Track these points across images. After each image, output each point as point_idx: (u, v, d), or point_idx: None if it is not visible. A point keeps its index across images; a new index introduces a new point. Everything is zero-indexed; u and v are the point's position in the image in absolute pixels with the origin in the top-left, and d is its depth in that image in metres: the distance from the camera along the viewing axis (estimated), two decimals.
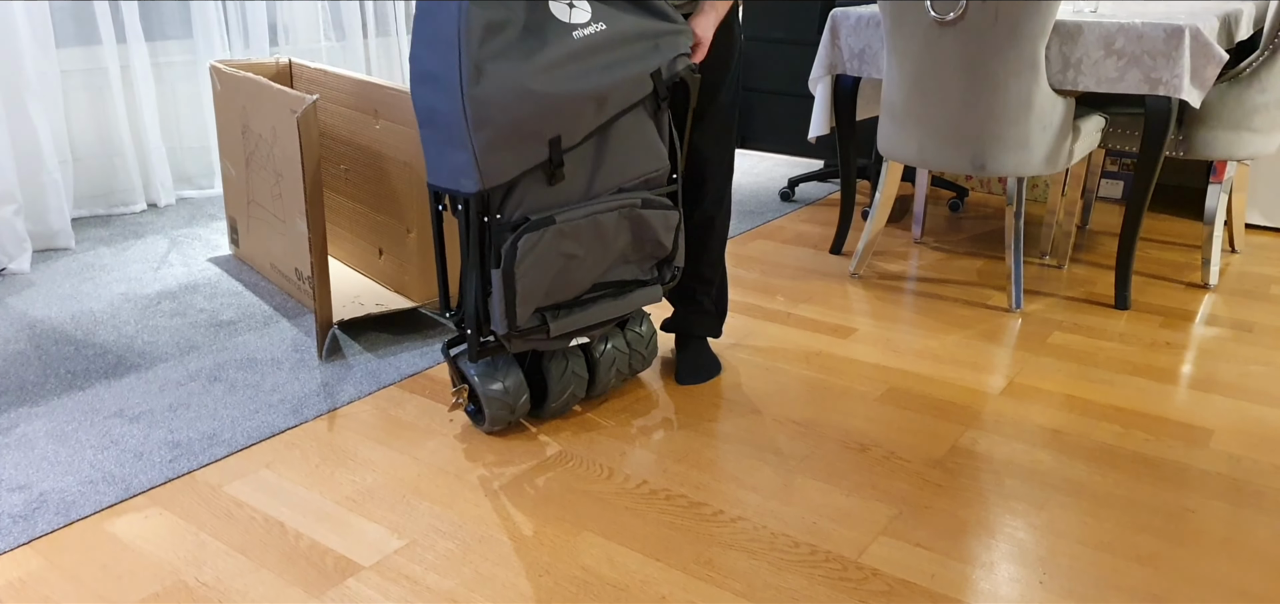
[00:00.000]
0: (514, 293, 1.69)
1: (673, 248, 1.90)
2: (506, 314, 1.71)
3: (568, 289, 1.78)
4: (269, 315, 2.47)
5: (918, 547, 1.53)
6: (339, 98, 2.55)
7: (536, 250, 1.69)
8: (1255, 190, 3.24)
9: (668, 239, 1.88)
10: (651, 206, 1.83)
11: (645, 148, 1.81)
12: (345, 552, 1.52)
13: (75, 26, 3.26)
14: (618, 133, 1.76)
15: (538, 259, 1.70)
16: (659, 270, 1.93)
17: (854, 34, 2.73)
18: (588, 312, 1.81)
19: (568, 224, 1.72)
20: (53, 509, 1.63)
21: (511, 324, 1.72)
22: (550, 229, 1.69)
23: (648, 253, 1.88)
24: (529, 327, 1.75)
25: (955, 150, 2.46)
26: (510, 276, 1.68)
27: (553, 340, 1.80)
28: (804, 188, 3.85)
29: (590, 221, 1.74)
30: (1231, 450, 1.83)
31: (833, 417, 1.96)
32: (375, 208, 2.52)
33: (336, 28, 3.96)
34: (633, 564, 1.49)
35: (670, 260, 1.92)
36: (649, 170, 1.83)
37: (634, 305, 1.88)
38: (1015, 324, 2.44)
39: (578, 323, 1.81)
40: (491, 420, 1.84)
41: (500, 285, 1.69)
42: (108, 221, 3.30)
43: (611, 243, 1.80)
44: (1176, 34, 2.26)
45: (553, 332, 1.77)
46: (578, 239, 1.74)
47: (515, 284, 1.69)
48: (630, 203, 1.80)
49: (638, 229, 1.83)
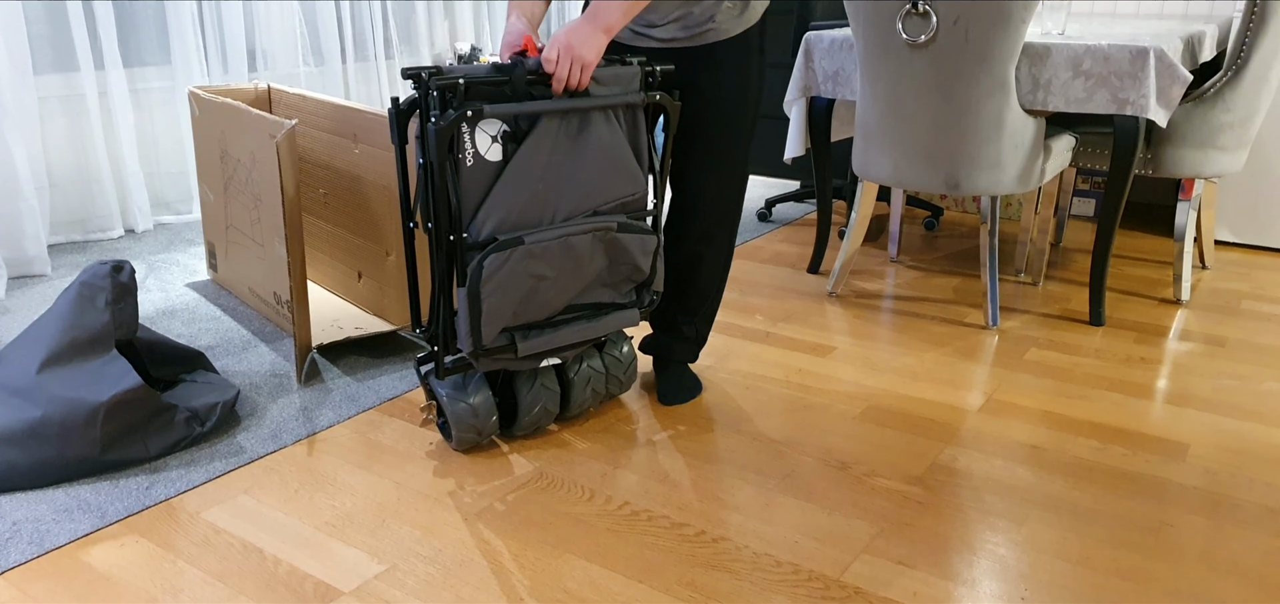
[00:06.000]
0: (479, 313, 1.69)
1: (651, 272, 1.89)
2: (472, 333, 1.70)
3: (538, 309, 1.78)
4: (247, 340, 2.45)
5: (899, 564, 1.54)
6: (318, 122, 2.55)
7: (503, 271, 1.68)
8: (1223, 207, 3.30)
9: (645, 263, 1.87)
10: (628, 230, 1.82)
11: (620, 171, 1.80)
12: (325, 577, 1.51)
13: (53, 53, 3.25)
14: (592, 156, 1.75)
15: (504, 279, 1.69)
16: (637, 294, 1.92)
17: (827, 56, 2.76)
18: (558, 333, 1.81)
19: (537, 245, 1.71)
20: (26, 539, 1.60)
21: (477, 343, 1.71)
22: (518, 250, 1.69)
23: (624, 276, 1.87)
24: (496, 346, 1.74)
25: (929, 170, 2.49)
26: (475, 296, 1.68)
27: (521, 360, 1.80)
28: (781, 208, 3.88)
29: (561, 243, 1.73)
30: (1207, 464, 1.85)
31: (813, 435, 1.97)
32: (354, 231, 2.51)
33: (315, 53, 3.96)
34: (615, 586, 1.48)
35: (649, 284, 1.91)
36: (624, 194, 1.82)
37: (609, 328, 1.88)
38: (992, 341, 2.47)
39: (548, 343, 1.80)
40: (459, 439, 1.84)
41: (465, 305, 1.68)
42: (84, 248, 3.27)
43: (585, 265, 1.79)
44: (1142, 55, 2.30)
45: (520, 352, 1.77)
46: (547, 261, 1.73)
47: (480, 303, 1.68)
48: (606, 226, 1.79)
49: (613, 252, 1.82)
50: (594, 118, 1.75)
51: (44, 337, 1.84)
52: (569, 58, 1.65)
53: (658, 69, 1.81)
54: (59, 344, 1.82)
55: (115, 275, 1.91)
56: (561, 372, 1.94)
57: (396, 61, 4.28)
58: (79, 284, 1.90)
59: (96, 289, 1.88)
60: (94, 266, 1.91)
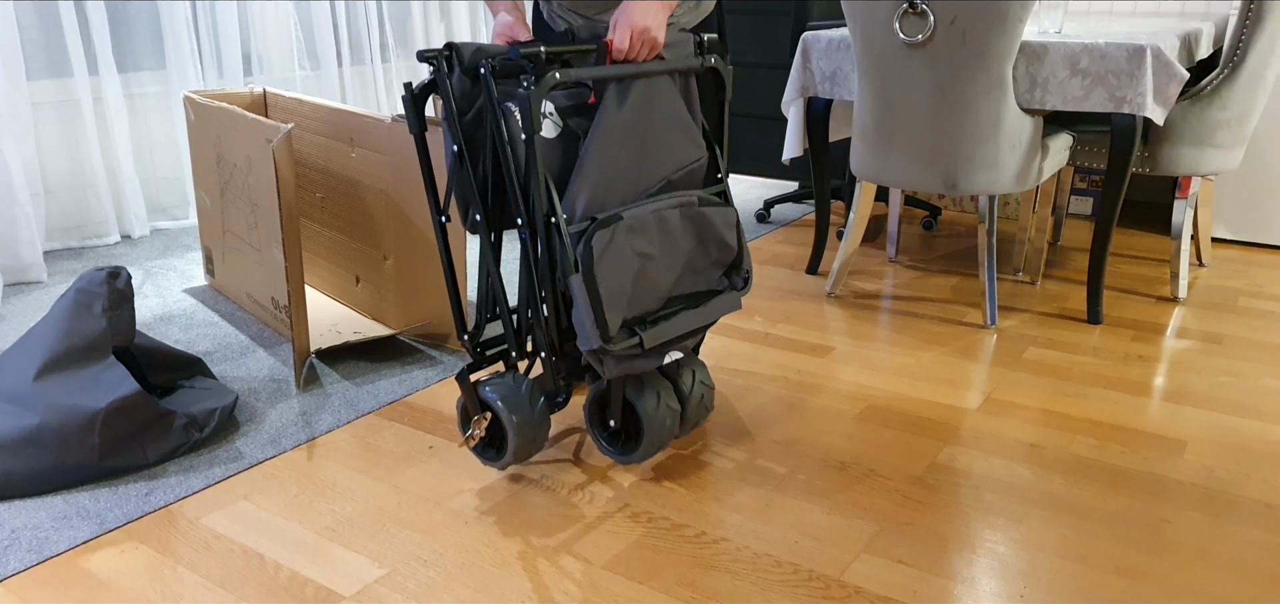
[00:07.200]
0: (598, 296, 1.53)
1: (738, 248, 1.79)
2: (598, 323, 1.53)
3: (649, 296, 1.64)
4: (246, 345, 2.45)
5: (899, 563, 1.54)
6: (314, 126, 2.55)
7: (611, 250, 1.55)
8: (1220, 205, 3.31)
9: (732, 238, 1.76)
10: (708, 204, 1.73)
11: (687, 135, 1.72)
12: (325, 582, 1.50)
13: (47, 59, 3.24)
14: (661, 121, 1.67)
15: (614, 259, 1.55)
16: (728, 277, 1.81)
17: (825, 57, 2.76)
18: (674, 321, 1.66)
19: (635, 219, 1.59)
20: (25, 546, 1.60)
21: (604, 333, 1.54)
22: (620, 225, 1.56)
23: (714, 258, 1.76)
24: (623, 344, 1.58)
25: (927, 170, 2.50)
26: (592, 279, 1.52)
27: (648, 356, 1.63)
28: (779, 209, 3.88)
29: (656, 217, 1.63)
30: (1205, 461, 1.86)
31: (812, 435, 1.97)
32: (352, 235, 2.51)
33: (311, 57, 3.96)
34: (616, 588, 1.48)
35: (739, 264, 1.81)
36: (691, 159, 1.73)
37: (715, 314, 1.74)
38: (990, 340, 2.47)
39: (670, 333, 1.65)
40: (515, 452, 1.69)
41: (583, 292, 1.52)
42: (81, 254, 3.27)
43: (679, 242, 1.68)
44: (1139, 53, 2.31)
45: (647, 343, 1.60)
46: (647, 236, 1.61)
47: (598, 286, 1.53)
48: (688, 200, 1.69)
49: (700, 229, 1.72)
50: (661, 83, 1.68)
51: (41, 344, 1.84)
52: (642, 40, 1.63)
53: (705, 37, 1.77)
54: (56, 351, 1.81)
55: (112, 281, 1.91)
56: (676, 386, 1.80)
57: (393, 64, 4.28)
58: (75, 291, 1.89)
59: (93, 295, 1.88)
60: (90, 273, 1.91)
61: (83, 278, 1.91)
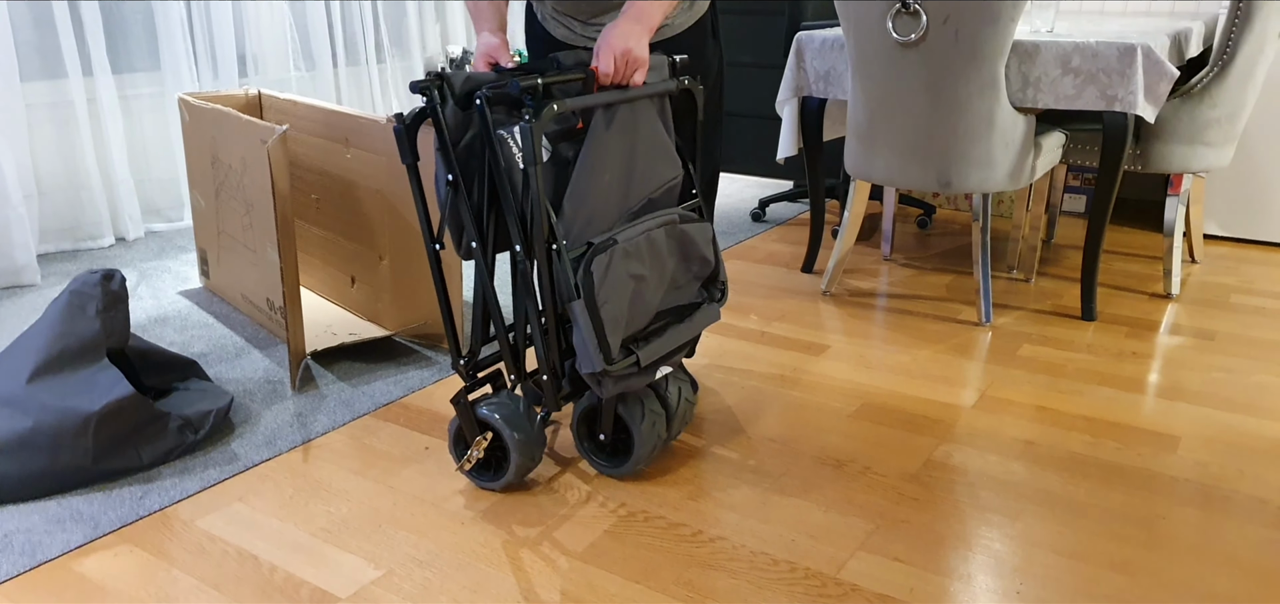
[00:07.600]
0: (601, 322, 1.57)
1: (715, 261, 1.84)
2: (601, 347, 1.57)
3: (641, 315, 1.69)
4: (241, 347, 2.44)
5: (895, 561, 1.55)
6: (309, 127, 2.55)
7: (610, 274, 1.59)
8: (1212, 202, 3.32)
9: (709, 252, 1.81)
10: (687, 220, 1.77)
11: (665, 154, 1.76)
12: (321, 584, 1.50)
13: (40, 60, 3.23)
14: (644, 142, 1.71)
15: (613, 283, 1.60)
16: (707, 290, 1.85)
17: (819, 56, 2.77)
18: (664, 338, 1.71)
19: (630, 243, 1.64)
20: (19, 550, 1.59)
21: (607, 356, 1.59)
22: (616, 250, 1.61)
23: (694, 272, 1.81)
24: (621, 364, 1.62)
25: (921, 169, 2.50)
26: (593, 304, 1.57)
27: (643, 373, 1.67)
28: (774, 208, 3.89)
29: (646, 239, 1.68)
30: (1199, 456, 1.86)
31: (808, 433, 1.97)
32: (347, 236, 2.51)
33: (306, 58, 3.96)
34: (612, 587, 1.49)
35: (716, 277, 1.86)
36: (670, 177, 1.77)
37: (699, 327, 1.79)
38: (985, 338, 2.48)
39: (661, 350, 1.69)
40: (517, 469, 1.72)
41: (585, 318, 1.56)
42: (75, 256, 3.26)
43: (666, 261, 1.73)
44: (1129, 52, 2.32)
45: (643, 361, 1.65)
46: (639, 259, 1.66)
47: (599, 311, 1.57)
48: (670, 219, 1.74)
49: (683, 246, 1.76)
50: (643, 104, 1.72)
51: (34, 346, 1.84)
52: (626, 62, 1.67)
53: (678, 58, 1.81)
54: (49, 353, 1.81)
55: (106, 283, 1.90)
56: (661, 397, 1.83)
57: (388, 65, 4.28)
58: (69, 293, 1.89)
59: (87, 297, 1.87)
60: (84, 275, 1.91)
61: (77, 280, 1.90)
